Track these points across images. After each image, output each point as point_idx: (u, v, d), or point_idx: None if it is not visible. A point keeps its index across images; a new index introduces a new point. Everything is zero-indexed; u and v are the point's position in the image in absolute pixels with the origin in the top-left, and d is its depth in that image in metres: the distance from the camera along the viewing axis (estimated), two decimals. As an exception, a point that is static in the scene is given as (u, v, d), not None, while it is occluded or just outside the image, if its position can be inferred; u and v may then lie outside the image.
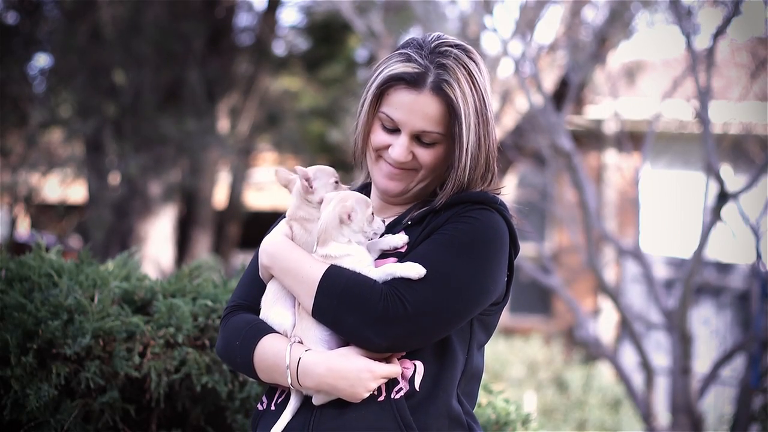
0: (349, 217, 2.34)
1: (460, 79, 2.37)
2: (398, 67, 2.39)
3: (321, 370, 2.29)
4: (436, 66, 2.38)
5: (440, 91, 2.36)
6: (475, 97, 2.39)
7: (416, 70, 2.38)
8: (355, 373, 2.26)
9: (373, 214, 2.39)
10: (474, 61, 2.42)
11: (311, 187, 2.44)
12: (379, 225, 2.40)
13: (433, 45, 2.41)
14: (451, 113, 2.37)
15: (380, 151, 2.44)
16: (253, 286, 2.51)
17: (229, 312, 2.51)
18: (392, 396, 2.28)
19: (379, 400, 2.29)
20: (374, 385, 2.27)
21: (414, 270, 2.27)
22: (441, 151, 2.41)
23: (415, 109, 2.38)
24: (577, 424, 10.05)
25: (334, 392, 2.29)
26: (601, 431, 10.00)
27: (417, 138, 2.40)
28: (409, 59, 2.40)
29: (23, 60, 13.30)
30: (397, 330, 2.25)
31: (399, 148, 2.40)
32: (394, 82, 2.39)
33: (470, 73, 2.39)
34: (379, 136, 2.44)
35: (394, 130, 2.42)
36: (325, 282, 2.31)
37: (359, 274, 2.31)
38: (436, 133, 2.38)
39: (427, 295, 2.26)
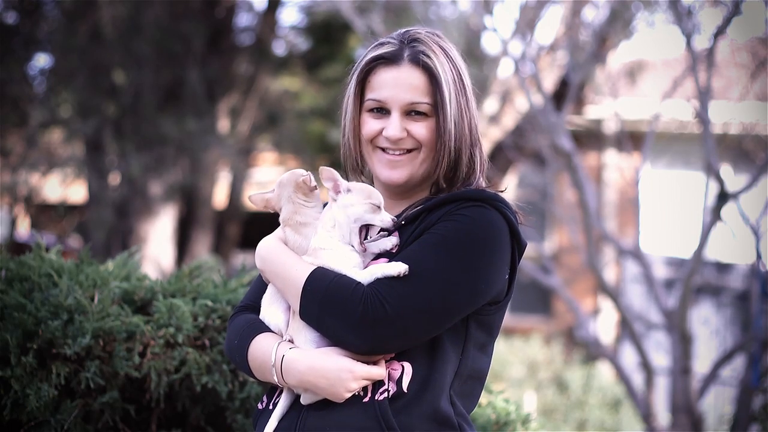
0: (335, 189, 2.35)
1: (435, 50, 2.41)
2: (373, 52, 2.45)
3: (301, 368, 2.29)
4: (409, 41, 2.43)
5: (419, 61, 2.40)
6: (451, 66, 2.42)
7: (392, 49, 2.43)
8: (335, 372, 2.26)
9: (380, 207, 2.36)
10: (444, 41, 2.47)
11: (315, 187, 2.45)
12: (386, 219, 2.35)
13: (402, 32, 2.48)
14: (432, 82, 2.39)
15: (375, 141, 2.45)
16: (261, 287, 2.52)
17: (236, 313, 2.54)
18: (376, 397, 2.27)
19: (363, 401, 2.28)
20: (355, 386, 2.26)
21: (395, 268, 2.26)
22: (433, 125, 2.41)
23: (399, 83, 2.40)
24: (577, 424, 10.05)
25: (316, 391, 2.29)
26: (601, 431, 10.00)
27: (407, 114, 2.41)
28: (382, 44, 2.46)
29: (23, 60, 13.29)
30: (377, 332, 2.24)
31: (392, 125, 2.41)
32: (373, 64, 2.43)
33: (442, 48, 2.43)
34: (369, 125, 2.45)
35: (384, 112, 2.43)
36: (308, 286, 2.31)
37: (343, 276, 2.30)
38: (425, 103, 2.39)
39: (409, 296, 2.24)
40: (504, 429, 3.41)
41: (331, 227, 2.37)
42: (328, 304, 2.27)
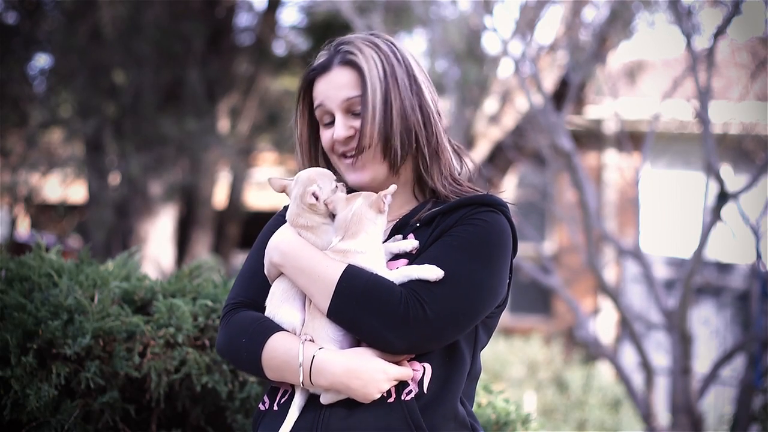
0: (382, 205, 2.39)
1: (363, 49, 2.47)
2: (310, 67, 2.53)
3: (336, 369, 2.28)
4: (337, 48, 2.50)
5: (346, 61, 2.46)
6: (382, 60, 2.46)
7: (323, 59, 2.51)
8: (371, 373, 2.27)
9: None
10: (380, 38, 2.51)
11: (318, 198, 2.44)
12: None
13: (335, 41, 2.55)
14: (360, 75, 2.44)
15: (334, 149, 2.49)
16: (253, 282, 2.50)
17: (231, 309, 2.49)
18: (402, 397, 2.29)
19: (389, 401, 2.29)
20: (387, 387, 2.28)
21: (432, 272, 2.28)
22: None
23: (330, 85, 2.47)
24: (577, 424, 10.05)
25: (347, 392, 2.29)
26: (601, 431, 10.00)
27: (350, 112, 2.46)
28: (317, 57, 2.54)
29: (23, 60, 13.28)
30: (416, 333, 2.26)
31: (337, 127, 2.46)
32: (310, 76, 2.51)
33: (376, 45, 2.48)
34: (324, 136, 2.51)
35: (330, 120, 2.49)
36: (343, 283, 2.30)
37: (377, 275, 2.31)
38: (358, 96, 2.44)
39: (447, 297, 2.28)
40: (504, 429, 3.41)
41: (377, 234, 2.39)
42: (367, 303, 2.28)
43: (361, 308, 2.28)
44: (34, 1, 13.15)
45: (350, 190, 2.52)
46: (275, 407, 2.41)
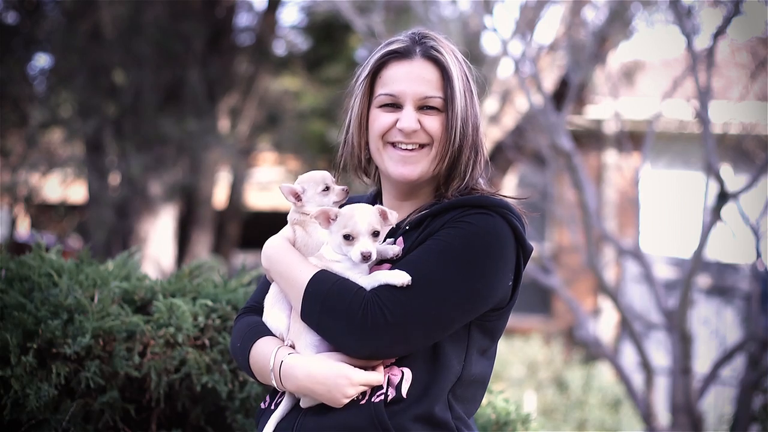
0: (328, 220, 2.35)
1: (445, 48, 2.43)
2: (384, 49, 2.46)
3: (299, 374, 2.30)
4: (420, 38, 2.45)
5: (431, 56, 2.42)
6: (460, 66, 2.44)
7: (404, 44, 2.44)
8: (333, 379, 2.26)
9: (353, 236, 2.31)
10: (451, 43, 2.49)
11: (300, 200, 2.49)
12: (355, 254, 2.32)
13: (410, 31, 2.50)
14: (444, 77, 2.40)
15: (387, 136, 2.44)
16: (267, 288, 2.53)
17: (241, 314, 2.55)
18: (372, 399, 2.28)
19: (361, 403, 2.29)
20: (352, 392, 2.26)
21: (399, 278, 2.25)
22: (444, 120, 2.41)
23: (412, 76, 2.41)
24: (577, 424, 10.04)
25: (314, 396, 2.29)
26: (601, 431, 10.00)
27: (419, 108, 2.42)
28: (392, 42, 2.47)
29: (23, 60, 13.30)
30: (377, 338, 2.24)
31: (406, 116, 2.40)
32: (385, 59, 2.44)
33: (451, 47, 2.46)
34: (382, 119, 2.44)
35: (396, 107, 2.42)
36: (311, 287, 2.31)
37: (345, 280, 2.30)
38: (438, 98, 2.40)
39: (409, 303, 2.24)
40: (504, 429, 3.41)
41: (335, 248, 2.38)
42: (329, 306, 2.27)
43: (325, 312, 2.27)
44: (34, 1, 13.15)
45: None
46: (273, 406, 2.44)
